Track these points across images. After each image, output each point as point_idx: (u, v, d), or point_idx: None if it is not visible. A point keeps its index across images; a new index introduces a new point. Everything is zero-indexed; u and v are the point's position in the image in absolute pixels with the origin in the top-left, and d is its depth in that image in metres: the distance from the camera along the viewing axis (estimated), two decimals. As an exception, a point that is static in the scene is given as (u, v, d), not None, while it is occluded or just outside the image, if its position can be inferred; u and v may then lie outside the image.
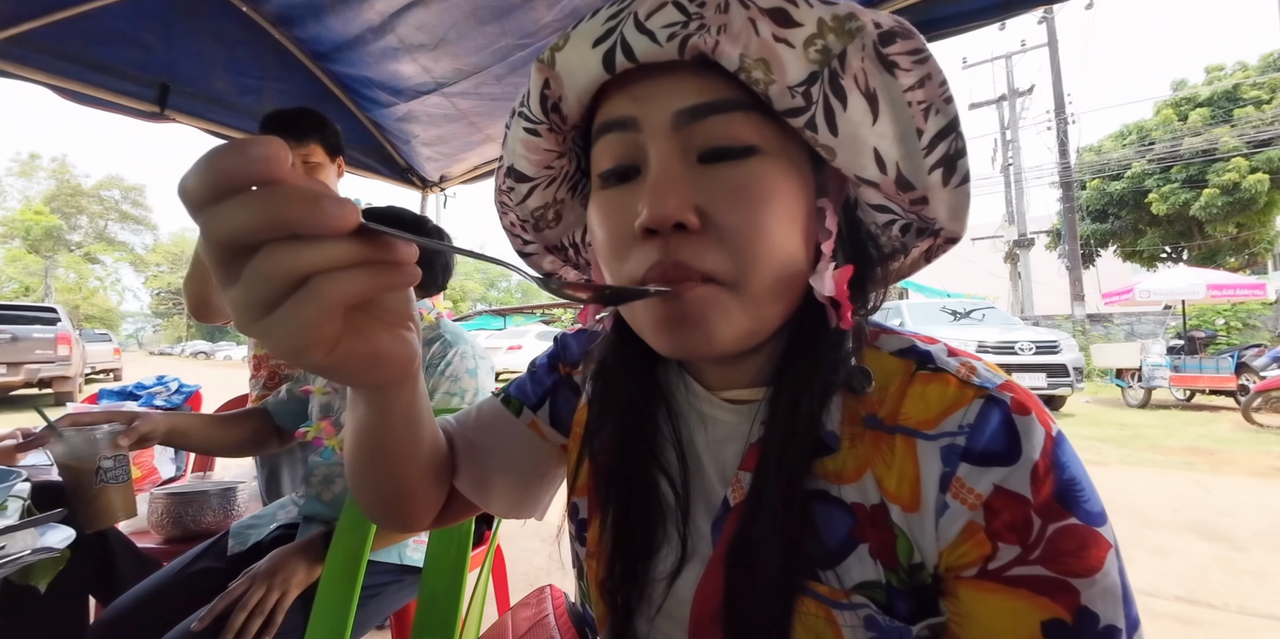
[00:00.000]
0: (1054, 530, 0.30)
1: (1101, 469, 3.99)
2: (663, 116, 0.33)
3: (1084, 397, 7.99)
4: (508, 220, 0.46)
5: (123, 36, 1.70)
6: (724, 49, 0.31)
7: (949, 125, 0.33)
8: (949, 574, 0.32)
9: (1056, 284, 14.72)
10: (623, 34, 0.32)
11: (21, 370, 7.67)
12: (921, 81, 0.32)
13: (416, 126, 2.15)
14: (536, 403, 0.51)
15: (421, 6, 1.59)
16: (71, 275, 30.75)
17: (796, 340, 0.37)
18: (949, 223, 0.36)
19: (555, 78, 0.36)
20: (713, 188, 0.33)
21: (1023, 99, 15.17)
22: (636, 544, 0.40)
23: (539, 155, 0.40)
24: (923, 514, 0.33)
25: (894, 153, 0.33)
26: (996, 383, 0.34)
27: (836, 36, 0.31)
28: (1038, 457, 0.31)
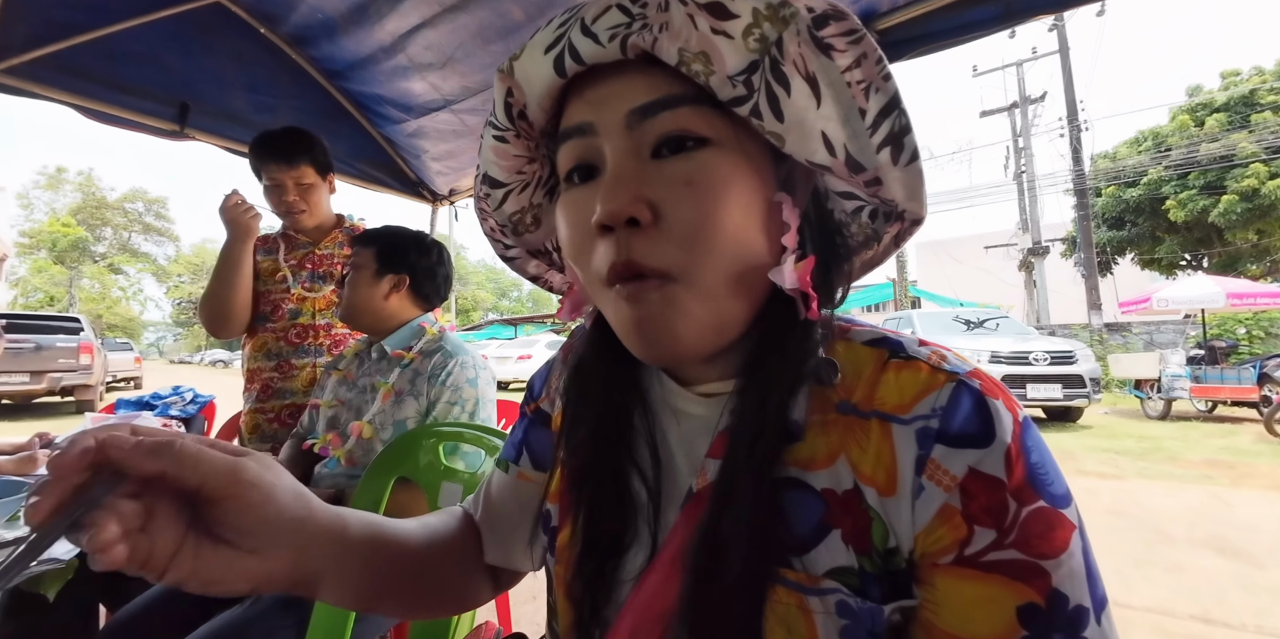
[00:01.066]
0: (1026, 513, 0.30)
1: (1118, 483, 3.91)
2: (616, 118, 0.35)
3: (1102, 408, 7.84)
4: (488, 226, 0.47)
5: (144, 57, 1.77)
6: (663, 45, 0.32)
7: (890, 102, 0.33)
8: (924, 560, 0.32)
9: (1072, 293, 14.52)
10: (570, 39, 0.34)
11: (45, 379, 7.84)
12: (858, 61, 0.32)
13: (426, 142, 2.20)
14: (516, 455, 0.52)
15: (430, 27, 1.63)
16: (96, 286, 31.48)
17: (766, 334, 0.37)
18: (907, 203, 0.36)
19: (516, 86, 0.37)
20: (664, 181, 0.34)
21: (1035, 106, 15.09)
22: (605, 542, 0.40)
23: (509, 161, 0.42)
24: (899, 498, 0.33)
25: (840, 134, 0.33)
26: (966, 369, 0.34)
27: (772, 24, 0.31)
28: (1010, 439, 0.31)
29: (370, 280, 1.15)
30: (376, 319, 1.16)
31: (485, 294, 44.18)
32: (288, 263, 1.53)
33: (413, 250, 1.20)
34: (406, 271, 1.19)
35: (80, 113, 1.74)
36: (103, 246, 33.53)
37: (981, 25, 1.28)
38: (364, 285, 1.15)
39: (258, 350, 1.51)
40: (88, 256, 31.77)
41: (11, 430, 6.08)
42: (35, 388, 7.83)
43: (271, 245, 1.56)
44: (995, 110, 15.70)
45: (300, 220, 1.53)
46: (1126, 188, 14.53)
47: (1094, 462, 4.58)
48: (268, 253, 1.55)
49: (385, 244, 1.17)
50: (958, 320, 8.12)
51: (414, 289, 1.20)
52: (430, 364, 1.10)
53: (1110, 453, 4.91)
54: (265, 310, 1.52)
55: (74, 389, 8.23)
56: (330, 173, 1.58)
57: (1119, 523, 3.04)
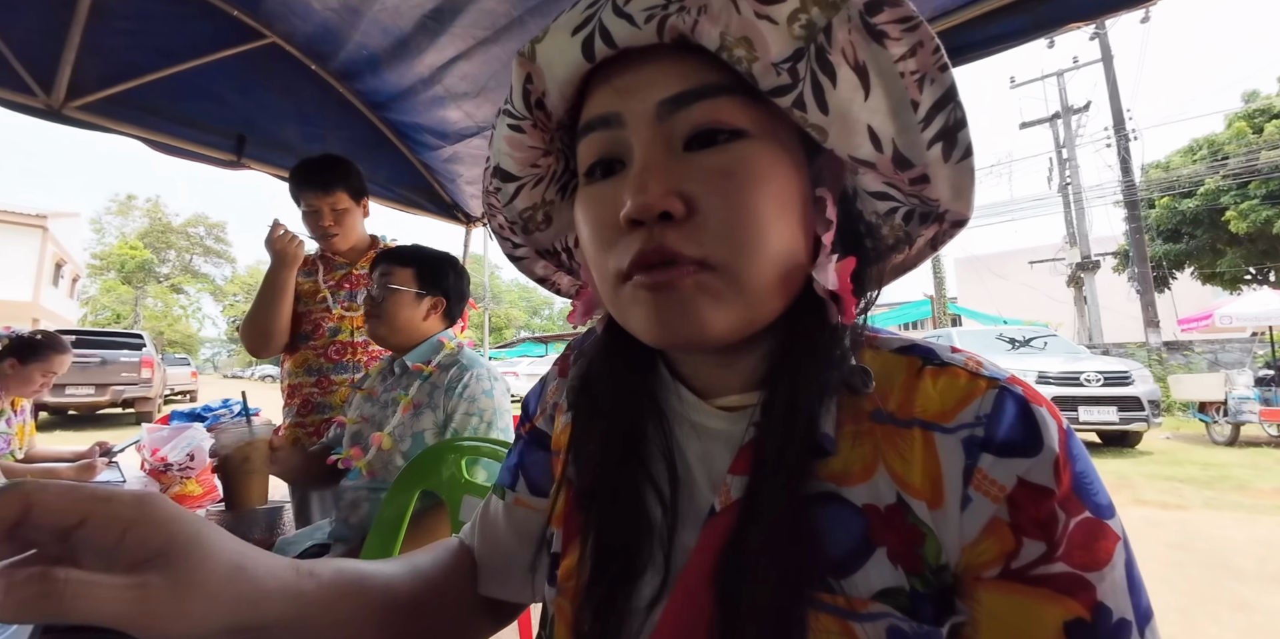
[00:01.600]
0: (1074, 524, 0.29)
1: (1181, 513, 3.65)
2: (645, 108, 0.32)
3: (1163, 433, 7.36)
4: (496, 223, 0.45)
5: (205, 93, 1.91)
6: (704, 28, 0.30)
7: (946, 94, 0.31)
8: (967, 574, 0.30)
9: (1126, 309, 13.81)
10: (601, 20, 0.31)
11: (109, 391, 8.33)
12: (913, 50, 0.30)
13: (461, 166, 2.29)
14: (512, 480, 0.49)
15: (465, 59, 1.72)
16: (159, 304, 33.44)
17: (793, 338, 0.35)
18: (952, 203, 0.34)
19: (536, 71, 0.35)
20: (699, 174, 0.32)
21: (1078, 116, 14.64)
22: (616, 568, 0.36)
23: (523, 153, 0.39)
24: (947, 510, 0.31)
25: (889, 128, 0.31)
26: (1005, 376, 0.33)
27: (820, 9, 0.30)
28: (1058, 448, 0.30)
29: (414, 301, 1.18)
30: (410, 338, 1.20)
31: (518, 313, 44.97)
32: (326, 284, 1.60)
33: (450, 273, 1.25)
34: (443, 294, 1.22)
35: (147, 145, 1.89)
36: (166, 268, 35.70)
37: (1009, 37, 1.26)
38: (408, 306, 1.18)
39: (298, 367, 1.57)
40: (152, 277, 33.85)
41: (76, 439, 6.45)
42: (100, 399, 8.32)
43: (310, 267, 1.63)
44: (1036, 121, 15.29)
45: (335, 243, 1.60)
46: (1182, 198, 13.84)
47: (1155, 490, 4.29)
48: (307, 275, 1.62)
49: (423, 265, 1.21)
50: (1001, 339, 7.81)
51: (447, 310, 1.25)
52: (447, 378, 1.14)
53: (1173, 481, 4.60)
54: (306, 329, 1.59)
55: (135, 401, 8.71)
56: (364, 197, 1.65)
57: (1183, 557, 2.84)
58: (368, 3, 1.63)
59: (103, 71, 1.73)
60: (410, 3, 1.57)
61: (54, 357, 1.92)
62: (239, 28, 1.91)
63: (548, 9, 1.46)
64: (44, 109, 1.68)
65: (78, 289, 26.41)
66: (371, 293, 1.19)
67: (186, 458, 1.84)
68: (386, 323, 1.17)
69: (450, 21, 1.59)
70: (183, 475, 1.85)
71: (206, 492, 1.91)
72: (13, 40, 1.58)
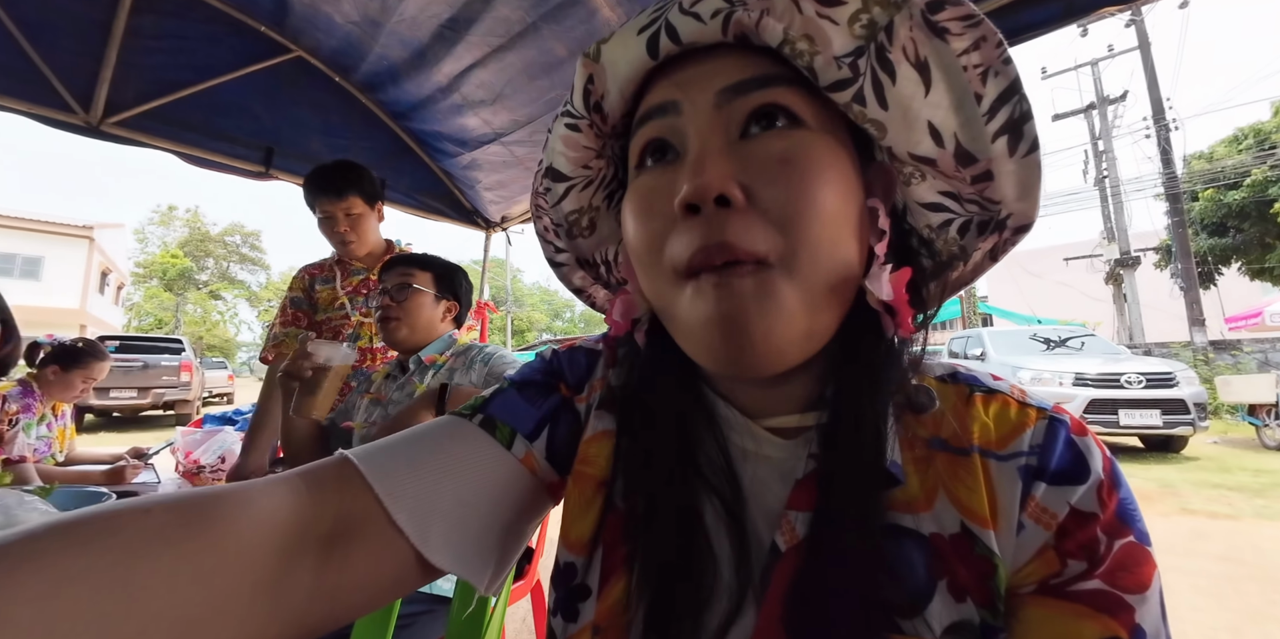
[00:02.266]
0: (1119, 547, 0.30)
1: (1232, 523, 3.47)
2: (705, 97, 0.32)
3: (1210, 437, 7.02)
4: (541, 225, 0.44)
5: (235, 108, 1.98)
6: (767, 24, 0.31)
7: (1011, 87, 0.30)
8: (1009, 593, 0.31)
9: (1170, 307, 13.26)
10: (667, 18, 0.32)
11: (150, 394, 8.67)
12: (976, 44, 0.30)
13: (479, 173, 2.32)
14: (534, 430, 0.40)
15: (481, 67, 1.74)
16: (198, 310, 34.69)
17: (849, 357, 0.34)
18: (1017, 203, 0.33)
19: (599, 72, 0.35)
20: (758, 160, 0.31)
21: (1114, 106, 14.13)
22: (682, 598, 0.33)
23: (578, 152, 0.39)
24: (1004, 537, 0.31)
25: (951, 122, 0.31)
26: (1050, 404, 0.34)
27: (882, 9, 0.30)
28: (1103, 474, 0.31)
29: (433, 303, 1.21)
30: (427, 337, 1.22)
31: (539, 315, 45.42)
32: (344, 290, 1.62)
33: (462, 281, 1.29)
34: (456, 299, 1.27)
35: (181, 159, 1.96)
36: (205, 275, 37.07)
37: (1042, 24, 1.22)
38: (429, 307, 1.21)
39: None
40: (192, 284, 35.18)
41: (119, 441, 6.72)
42: (141, 402, 8.67)
43: (329, 274, 1.65)
44: (1070, 112, 14.80)
45: (353, 249, 1.61)
46: (1228, 190, 13.25)
47: (1202, 499, 4.09)
48: (325, 281, 1.64)
49: (439, 270, 1.24)
50: (1035, 339, 7.54)
51: (457, 317, 1.28)
52: (464, 359, 1.18)
53: (1221, 489, 4.38)
54: (326, 336, 1.62)
55: (175, 404, 9.04)
56: (378, 202, 1.65)
57: (1234, 571, 2.70)
58: (387, 15, 1.66)
59: (138, 89, 1.80)
60: (427, 13, 1.60)
61: (94, 364, 1.99)
62: (266, 43, 1.97)
63: (561, 15, 1.47)
64: (83, 126, 1.76)
65: (122, 296, 27.58)
66: (390, 293, 1.18)
67: (218, 460, 1.89)
68: (408, 323, 1.18)
69: (466, 30, 1.61)
70: (214, 477, 1.91)
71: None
72: (53, 61, 1.65)
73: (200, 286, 36.16)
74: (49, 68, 1.65)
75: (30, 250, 18.65)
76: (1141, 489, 4.37)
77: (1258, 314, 7.46)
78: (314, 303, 1.63)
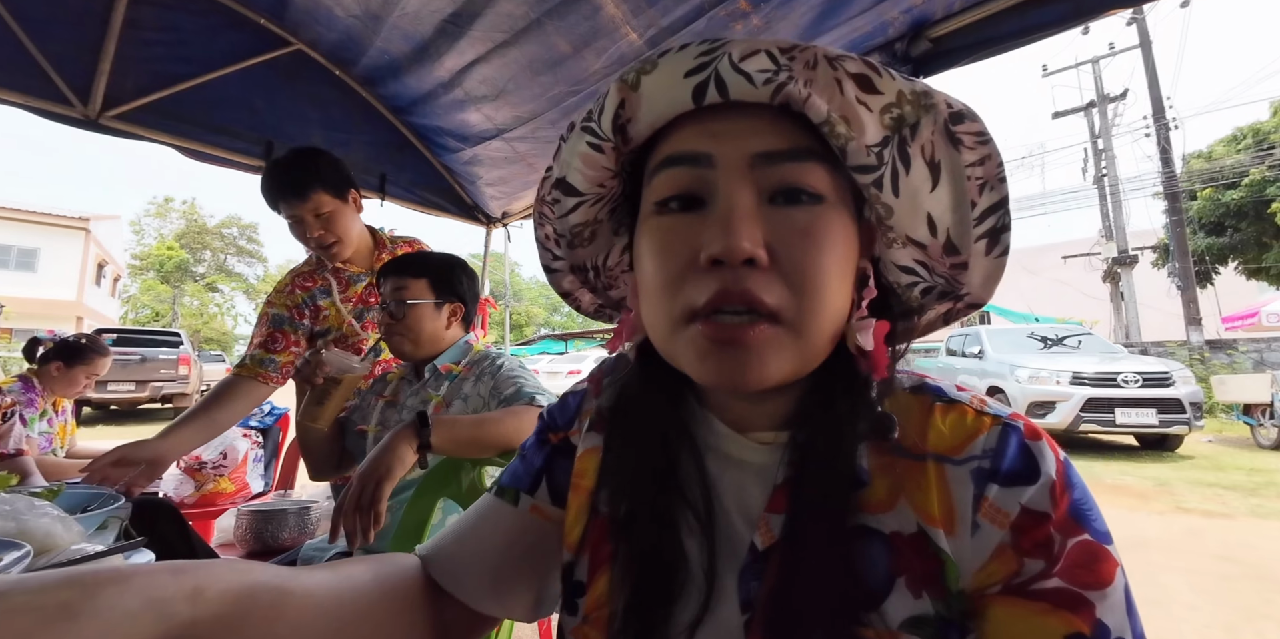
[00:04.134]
0: (1071, 545, 0.32)
1: (1226, 522, 3.50)
2: (740, 156, 0.34)
3: (1205, 436, 7.07)
4: (543, 232, 0.46)
5: (235, 101, 1.96)
6: (814, 101, 0.33)
7: (1000, 202, 0.36)
8: (975, 594, 0.33)
9: (1167, 306, 13.29)
10: (717, 70, 0.33)
11: (148, 387, 8.66)
12: (982, 160, 0.35)
13: (481, 169, 2.31)
14: (531, 485, 0.47)
15: (484, 62, 1.72)
16: (195, 303, 34.57)
17: (827, 384, 0.38)
18: (979, 289, 0.39)
19: (634, 100, 0.36)
20: (782, 228, 0.34)
21: (1115, 105, 14.10)
22: (656, 591, 0.37)
23: (596, 172, 0.40)
24: (959, 538, 0.34)
25: (947, 219, 0.36)
26: (1008, 412, 0.37)
27: (913, 108, 0.34)
28: (1054, 475, 0.33)
29: (433, 312, 1.17)
30: (435, 348, 1.19)
31: (537, 310, 45.32)
32: (348, 305, 1.47)
33: (462, 277, 1.23)
34: (459, 299, 1.22)
35: (180, 152, 1.94)
36: (202, 268, 36.90)
37: (1049, 26, 1.22)
38: (429, 318, 1.17)
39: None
40: (189, 277, 35.03)
41: (118, 434, 6.71)
42: (139, 395, 8.66)
43: (324, 285, 1.47)
44: (1070, 110, 14.78)
45: (337, 253, 1.41)
46: (1226, 190, 13.26)
47: (1197, 497, 4.12)
48: (324, 293, 1.47)
49: (436, 273, 1.19)
50: (1033, 337, 7.57)
51: (464, 315, 1.24)
52: (477, 370, 1.16)
53: (1216, 487, 4.41)
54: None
55: (173, 397, 9.03)
56: (349, 190, 1.41)
57: (1228, 569, 2.72)
58: (389, 9, 1.64)
59: (137, 82, 1.78)
60: (429, 8, 1.58)
61: (97, 359, 1.99)
62: (266, 36, 1.95)
63: (565, 11, 1.46)
64: (81, 119, 1.74)
65: (119, 288, 27.46)
66: (389, 309, 1.16)
67: (220, 456, 1.89)
68: (411, 338, 1.16)
69: (469, 25, 1.59)
70: (216, 473, 1.91)
71: (239, 488, 1.97)
72: (51, 54, 1.63)
73: (197, 279, 36.01)
74: (47, 60, 1.63)
75: (26, 242, 18.54)
76: (1136, 487, 4.40)
77: (1254, 314, 7.49)
78: (316, 319, 1.47)
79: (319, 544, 1.18)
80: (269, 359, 1.42)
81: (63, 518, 0.58)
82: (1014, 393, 6.30)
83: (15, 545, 0.52)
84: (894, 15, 1.30)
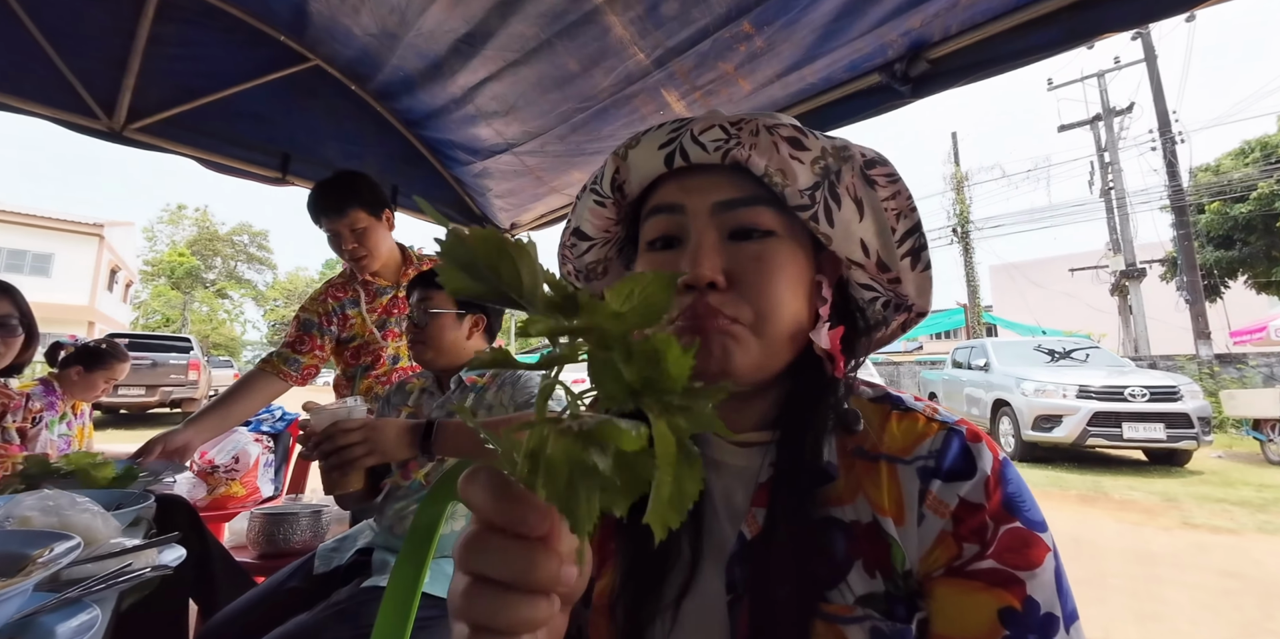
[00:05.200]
0: (1003, 531, 0.38)
1: (1233, 538, 3.47)
2: (704, 205, 0.45)
3: (1214, 451, 6.99)
4: (564, 270, 0.56)
5: (253, 115, 2.02)
6: (754, 160, 0.44)
7: (913, 227, 0.46)
8: (924, 578, 0.39)
9: (1175, 320, 13.19)
10: (681, 143, 0.45)
11: (158, 392, 8.75)
12: (894, 195, 0.45)
13: (490, 181, 2.36)
14: None
15: (495, 80, 1.78)
16: (205, 308, 34.91)
17: (798, 388, 0.45)
18: (917, 299, 0.48)
19: (625, 167, 0.48)
20: (739, 258, 0.43)
21: (1120, 118, 14.12)
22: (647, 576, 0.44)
23: (601, 222, 0.52)
24: (908, 527, 0.40)
25: (875, 243, 0.46)
26: (954, 419, 0.43)
27: (834, 159, 0.44)
28: (989, 471, 0.40)
29: (455, 323, 1.20)
30: (457, 358, 1.22)
31: (546, 317, 45.34)
32: (373, 313, 1.60)
33: None
34: (482, 311, 1.24)
35: (199, 164, 2.00)
36: (213, 274, 37.31)
37: (1043, 48, 1.24)
38: (450, 329, 1.19)
39: (365, 395, 1.61)
40: (200, 283, 35.42)
41: (128, 438, 6.77)
42: (149, 400, 8.74)
43: (353, 296, 1.62)
44: (1075, 124, 14.80)
45: (366, 264, 1.57)
46: (1234, 203, 13.21)
47: (1205, 513, 4.08)
48: (353, 303, 1.61)
49: None
50: (1040, 350, 7.53)
51: (488, 326, 1.26)
52: (497, 381, 1.18)
53: (1224, 503, 4.37)
54: (367, 361, 1.62)
55: (181, 402, 9.11)
56: (385, 209, 1.60)
57: (1233, 585, 2.70)
58: (405, 28, 1.70)
59: (160, 95, 1.84)
60: (444, 28, 1.64)
61: (116, 365, 2.04)
62: (285, 52, 2.02)
63: (575, 32, 1.51)
64: (106, 131, 1.80)
65: (130, 294, 27.75)
66: (413, 319, 1.21)
67: (232, 460, 1.93)
68: (433, 347, 1.19)
69: (482, 45, 1.65)
70: (228, 477, 1.94)
71: (250, 493, 2.00)
72: (79, 69, 1.70)
73: (208, 285, 36.38)
74: (74, 75, 1.69)
75: (41, 247, 18.83)
76: (1144, 503, 4.36)
77: (1263, 328, 7.43)
78: (344, 326, 1.60)
79: (333, 545, 1.20)
80: (294, 359, 1.58)
81: (102, 514, 0.61)
82: (1020, 406, 6.26)
83: (67, 537, 0.56)
84: (893, 37, 1.34)
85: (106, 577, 0.60)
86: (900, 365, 14.99)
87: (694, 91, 1.59)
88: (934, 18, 1.27)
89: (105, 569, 0.61)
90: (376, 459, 0.89)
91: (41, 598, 0.57)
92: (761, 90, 1.54)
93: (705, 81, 1.55)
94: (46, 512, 0.58)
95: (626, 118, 1.76)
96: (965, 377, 8.01)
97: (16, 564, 0.53)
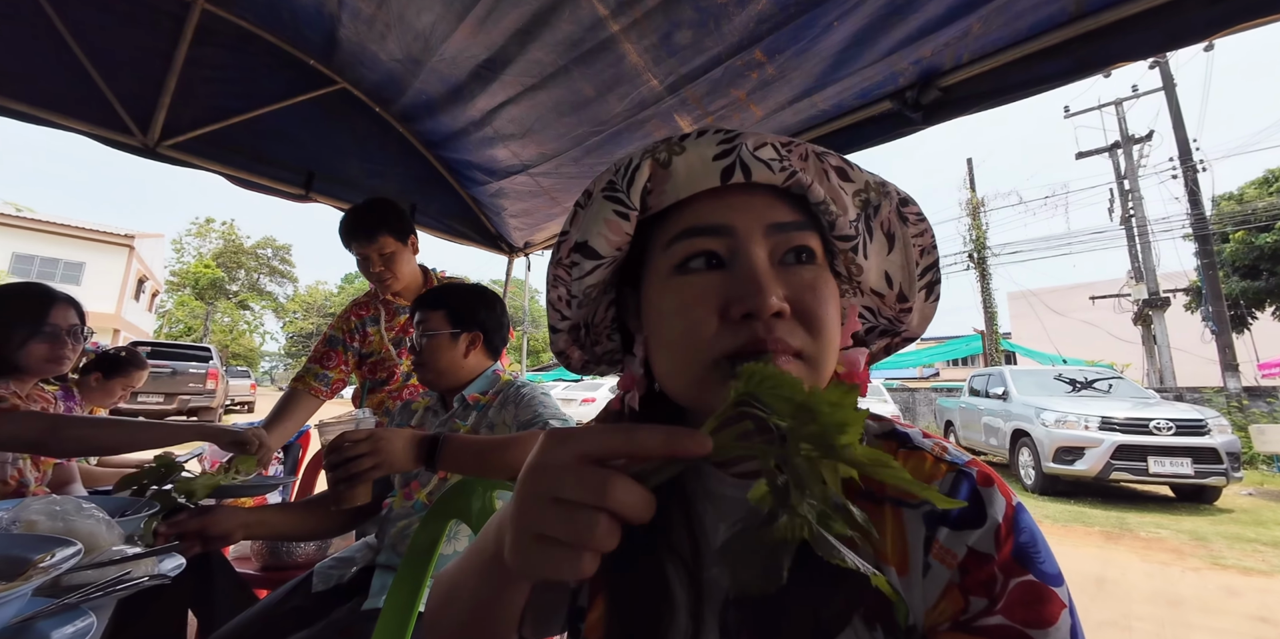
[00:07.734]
0: (1014, 584, 0.35)
1: (1266, 580, 3.31)
2: (758, 226, 0.41)
3: (1244, 488, 6.71)
4: (556, 294, 0.48)
5: (281, 134, 2.09)
6: (815, 187, 0.42)
7: (934, 263, 0.47)
8: (930, 632, 0.36)
9: (1202, 351, 12.84)
10: (741, 157, 0.41)
11: (176, 400, 8.88)
12: (922, 233, 0.47)
13: (506, 201, 2.41)
14: None
15: (514, 103, 1.83)
16: (226, 319, 35.63)
17: None
18: (917, 326, 0.49)
19: (662, 175, 0.42)
20: (796, 285, 0.41)
21: (1140, 146, 14.02)
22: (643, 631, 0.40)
23: (619, 237, 0.44)
24: (912, 577, 0.37)
25: (899, 275, 0.47)
26: (965, 460, 0.40)
27: (875, 194, 0.45)
28: (1001, 519, 0.37)
29: (449, 343, 1.19)
30: (458, 378, 1.21)
31: (559, 335, 45.55)
32: (390, 331, 1.69)
33: (480, 307, 1.25)
34: (478, 328, 1.23)
35: (228, 180, 2.07)
36: (236, 286, 38.24)
37: (1053, 78, 1.25)
38: (444, 349, 1.19)
39: (375, 409, 1.68)
40: (223, 294, 36.27)
41: (143, 447, 6.85)
42: (167, 408, 8.87)
43: (374, 314, 1.72)
44: (1094, 151, 14.73)
45: (390, 285, 1.67)
46: (1259, 233, 12.98)
47: (1236, 553, 3.90)
48: (374, 321, 1.72)
49: (453, 305, 1.22)
50: (1060, 379, 7.33)
51: (486, 343, 1.25)
52: (501, 398, 1.18)
53: (1255, 543, 4.18)
54: (382, 377, 1.69)
55: (199, 411, 9.22)
56: (411, 235, 1.70)
57: (1267, 632, 2.56)
58: (429, 54, 1.76)
59: (194, 114, 1.92)
60: (466, 54, 1.70)
61: (135, 372, 2.08)
62: (314, 76, 2.10)
63: (592, 59, 1.55)
64: (141, 147, 1.87)
65: (155, 303, 28.46)
66: (411, 344, 1.22)
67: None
68: (430, 368, 1.19)
69: (501, 70, 1.71)
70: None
71: (257, 502, 2.00)
72: (117, 87, 1.78)
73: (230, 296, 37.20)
74: (112, 93, 1.77)
75: (73, 256, 19.45)
76: (1171, 542, 4.19)
77: (1294, 361, 7.19)
78: (364, 343, 1.70)
79: (332, 563, 1.19)
80: (323, 374, 1.69)
81: (106, 521, 0.62)
82: (1040, 437, 6.09)
83: (69, 542, 0.57)
84: (904, 66, 1.36)
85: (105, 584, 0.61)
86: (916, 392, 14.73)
87: (706, 116, 1.62)
88: (945, 47, 1.29)
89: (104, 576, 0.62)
90: (384, 470, 0.88)
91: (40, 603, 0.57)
92: (773, 116, 1.57)
93: (717, 107, 1.59)
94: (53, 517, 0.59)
95: (639, 141, 1.80)
96: (983, 405, 7.84)
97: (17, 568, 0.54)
